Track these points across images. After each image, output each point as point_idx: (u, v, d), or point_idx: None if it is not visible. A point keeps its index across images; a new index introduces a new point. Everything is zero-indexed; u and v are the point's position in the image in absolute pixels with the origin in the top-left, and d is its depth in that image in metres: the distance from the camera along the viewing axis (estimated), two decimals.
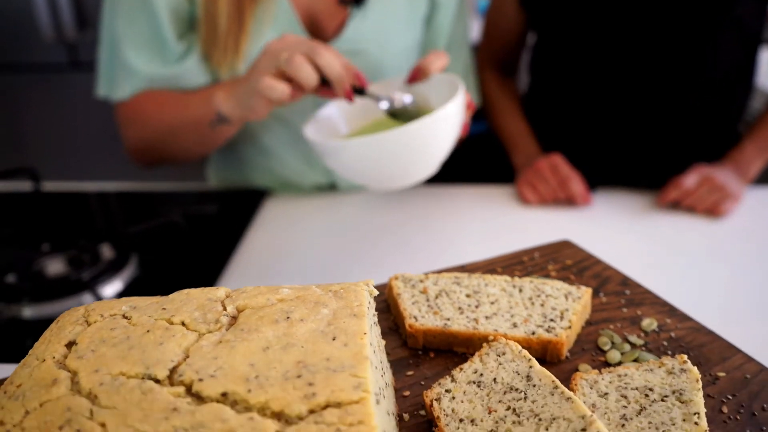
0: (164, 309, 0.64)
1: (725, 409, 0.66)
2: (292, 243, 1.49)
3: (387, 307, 0.86)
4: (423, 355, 0.77)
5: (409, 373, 0.74)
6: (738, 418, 0.65)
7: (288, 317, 0.61)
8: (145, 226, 1.64)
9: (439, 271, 0.90)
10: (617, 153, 1.76)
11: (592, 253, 0.97)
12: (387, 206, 1.64)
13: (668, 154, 1.73)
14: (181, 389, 0.53)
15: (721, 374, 0.71)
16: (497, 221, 1.55)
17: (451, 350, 0.77)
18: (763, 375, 0.71)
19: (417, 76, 1.28)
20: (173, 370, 0.56)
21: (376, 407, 0.53)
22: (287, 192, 1.68)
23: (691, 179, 1.59)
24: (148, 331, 0.60)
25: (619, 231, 1.52)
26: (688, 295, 1.18)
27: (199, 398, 0.53)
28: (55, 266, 1.46)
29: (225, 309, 0.63)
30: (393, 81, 1.26)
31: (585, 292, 0.80)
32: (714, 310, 1.15)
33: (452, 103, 1.05)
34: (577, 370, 0.73)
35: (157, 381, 0.55)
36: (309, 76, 1.03)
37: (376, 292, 0.68)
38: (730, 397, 0.68)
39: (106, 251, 1.54)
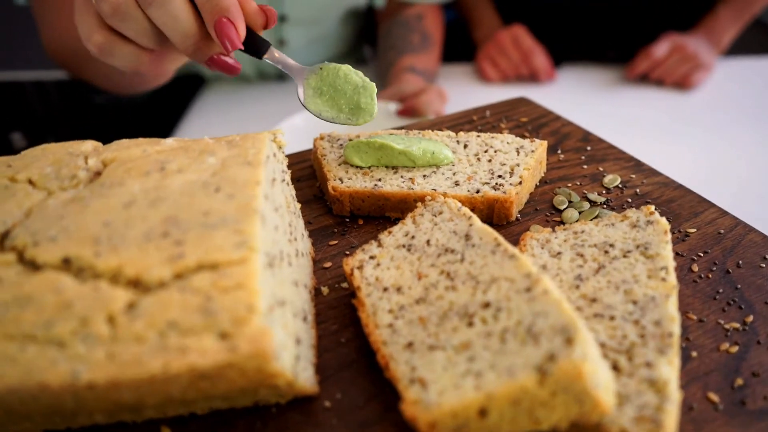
0: (9, 166, 0.50)
1: (696, 268, 0.57)
2: (236, 126, 1.34)
3: (313, 174, 0.74)
4: (350, 222, 0.65)
5: (333, 242, 0.62)
6: (710, 276, 0.56)
7: (163, 168, 0.48)
8: (61, 111, 1.46)
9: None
10: (583, 24, 1.62)
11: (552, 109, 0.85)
12: None
13: (637, 22, 1.60)
14: (12, 256, 0.41)
15: (692, 230, 0.62)
16: (454, 100, 1.42)
17: (383, 216, 0.66)
18: (738, 229, 0.61)
19: (408, 114, 1.13)
20: (5, 235, 0.43)
21: (267, 271, 0.42)
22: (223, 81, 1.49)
23: (661, 48, 1.47)
24: None
25: (585, 108, 1.40)
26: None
27: (34, 266, 0.40)
28: None
29: (87, 163, 0.50)
30: None
31: (539, 146, 0.69)
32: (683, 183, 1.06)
33: None
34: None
35: None
36: (140, 32, 0.61)
37: (284, 143, 0.55)
38: (702, 255, 0.59)
39: (17, 139, 1.37)
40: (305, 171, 0.74)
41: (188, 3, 0.60)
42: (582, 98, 1.45)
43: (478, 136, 0.71)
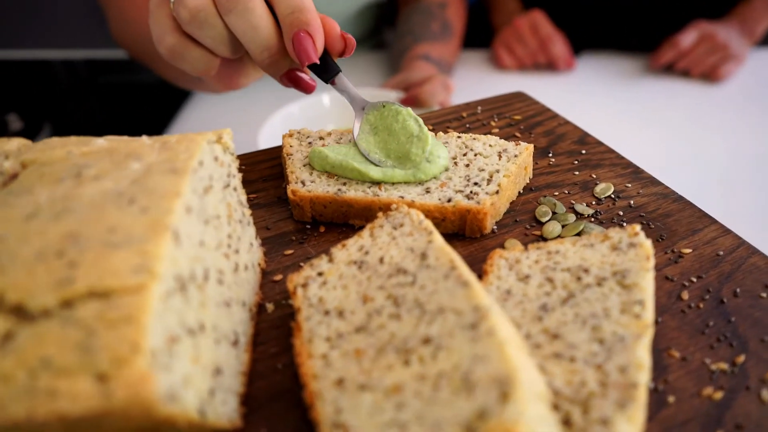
0: None
1: (686, 296, 0.51)
2: (236, 113, 1.30)
3: (282, 173, 0.69)
4: (311, 230, 0.60)
5: (288, 252, 0.57)
6: (701, 306, 0.50)
7: (79, 174, 0.43)
8: (63, 92, 1.44)
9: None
10: (606, 10, 1.53)
11: (549, 106, 0.78)
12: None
13: (664, 10, 1.50)
14: None
15: (687, 251, 0.55)
16: (468, 88, 1.35)
17: (347, 224, 0.61)
18: (740, 251, 0.54)
19: (411, 103, 1.07)
20: None
21: (176, 297, 0.37)
22: None
23: (689, 37, 1.38)
24: None
25: (605, 99, 1.33)
26: (678, 169, 1.02)
27: None
28: None
29: (2, 165, 0.46)
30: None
31: (524, 150, 0.62)
32: (700, 183, 0.98)
33: None
34: (503, 247, 0.57)
35: None
36: (216, 40, 0.60)
37: (231, 146, 0.50)
38: (695, 280, 0.52)
39: (14, 122, 1.35)
40: (276, 169, 0.69)
41: (269, 14, 0.59)
42: (602, 88, 1.37)
43: (459, 137, 0.65)
